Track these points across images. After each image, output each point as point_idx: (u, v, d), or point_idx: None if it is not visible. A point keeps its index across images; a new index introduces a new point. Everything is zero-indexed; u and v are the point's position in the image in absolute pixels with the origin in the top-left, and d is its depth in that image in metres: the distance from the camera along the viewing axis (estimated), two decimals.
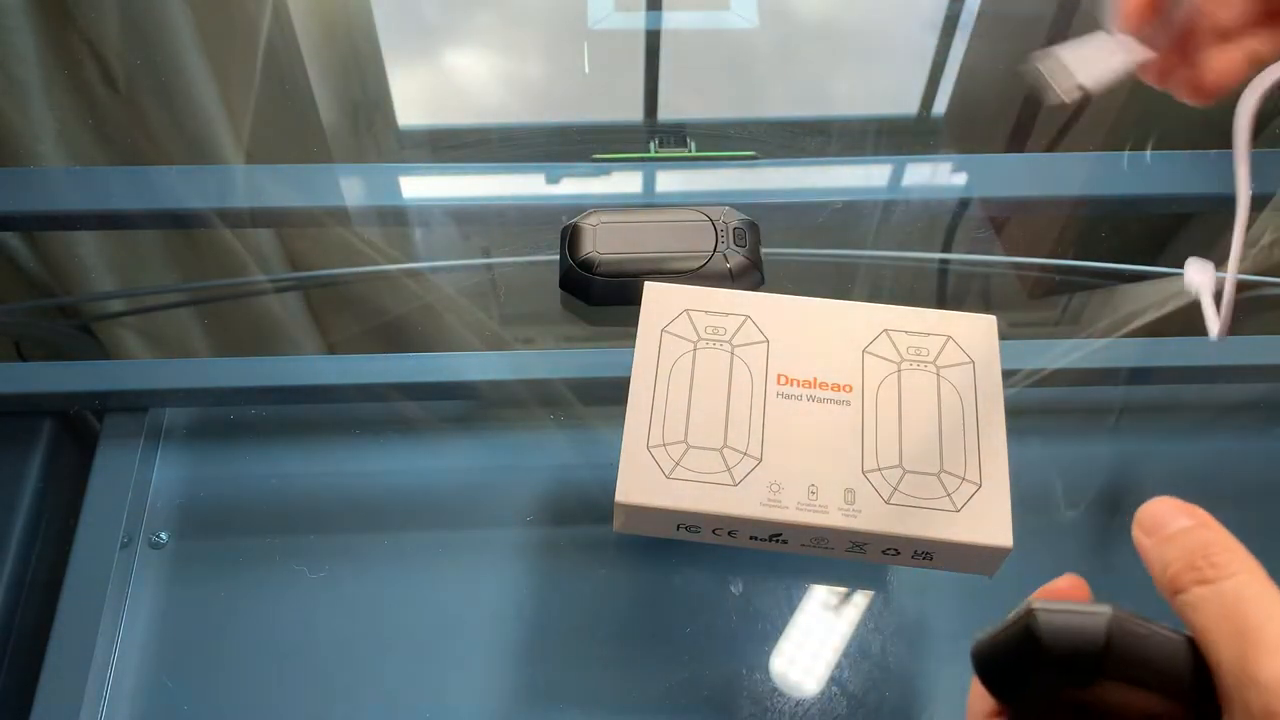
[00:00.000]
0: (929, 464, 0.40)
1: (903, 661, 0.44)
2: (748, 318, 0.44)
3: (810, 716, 0.42)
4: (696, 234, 0.52)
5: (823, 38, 0.71)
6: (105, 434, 0.50)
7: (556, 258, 0.53)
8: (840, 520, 0.39)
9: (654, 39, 0.69)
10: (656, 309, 0.44)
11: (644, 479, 0.40)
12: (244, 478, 0.49)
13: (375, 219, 0.59)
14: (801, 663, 0.44)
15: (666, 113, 0.64)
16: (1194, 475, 0.48)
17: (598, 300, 0.51)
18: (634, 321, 0.44)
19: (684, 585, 0.46)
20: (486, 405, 0.53)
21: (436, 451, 0.51)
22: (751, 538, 0.41)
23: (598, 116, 0.65)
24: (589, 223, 0.52)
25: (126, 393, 0.51)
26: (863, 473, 0.40)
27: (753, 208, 0.54)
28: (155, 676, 0.43)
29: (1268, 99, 0.39)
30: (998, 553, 0.39)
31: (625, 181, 0.61)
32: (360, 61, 0.69)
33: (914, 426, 0.41)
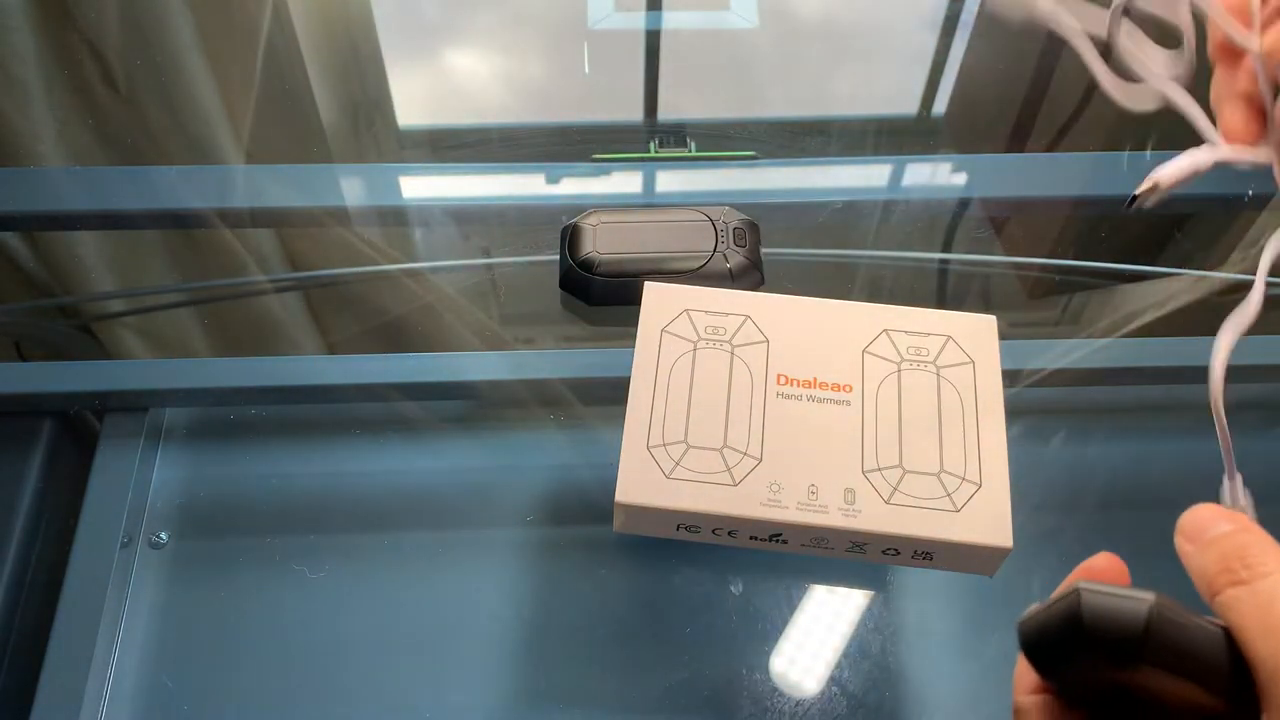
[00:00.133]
0: (929, 464, 0.40)
1: (903, 661, 0.44)
2: (748, 318, 0.44)
3: (810, 716, 0.42)
4: (696, 234, 0.52)
5: (823, 38, 0.71)
6: (105, 434, 0.50)
7: (556, 258, 0.53)
8: (840, 520, 0.39)
9: (654, 39, 0.69)
10: (656, 309, 0.44)
11: (644, 479, 0.40)
12: (244, 478, 0.49)
13: (375, 219, 0.59)
14: (801, 663, 0.44)
15: (666, 113, 0.64)
16: (1194, 475, 0.48)
17: (598, 300, 0.51)
18: (634, 321, 0.44)
19: (684, 585, 0.46)
20: (486, 405, 0.53)
21: (436, 451, 0.51)
22: (751, 538, 0.41)
23: (598, 116, 0.65)
24: (589, 223, 0.52)
25: (126, 393, 0.51)
26: (863, 473, 0.40)
27: (753, 208, 0.54)
28: (155, 676, 0.43)
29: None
30: (997, 553, 0.39)
31: (625, 181, 0.61)
32: (360, 61, 0.69)
33: (914, 426, 0.41)
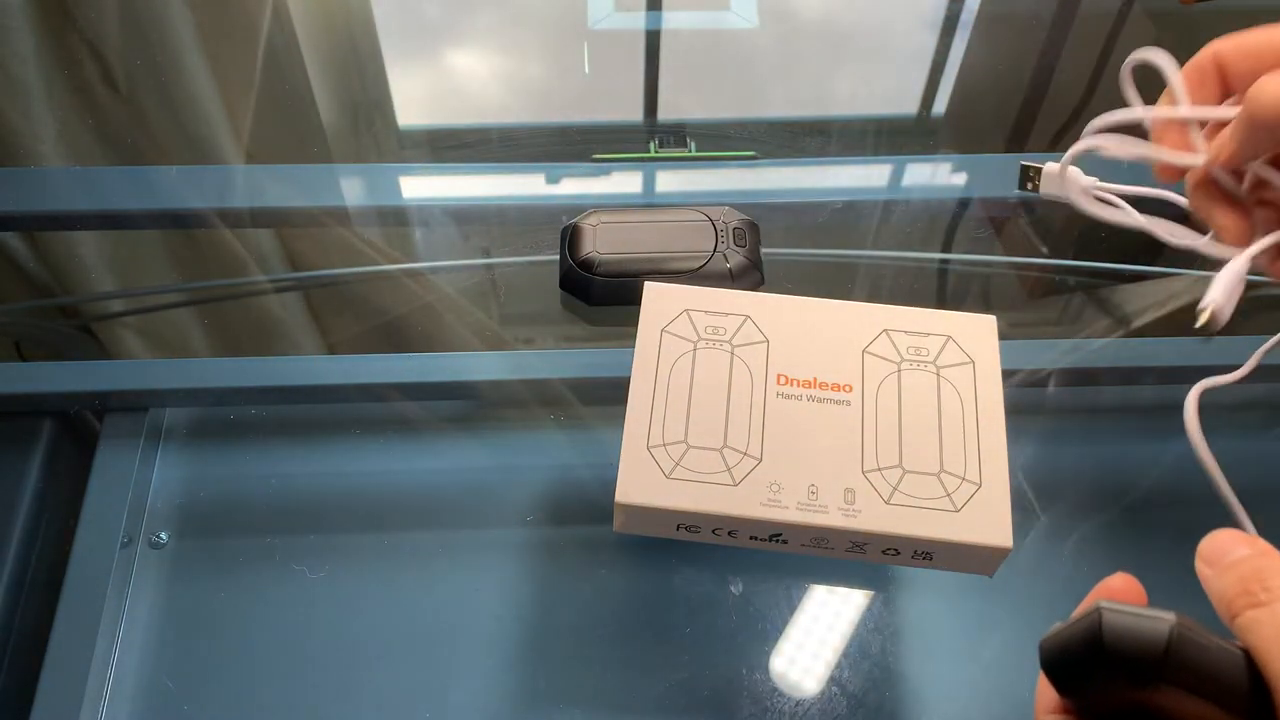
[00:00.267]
0: (929, 464, 0.40)
1: (903, 661, 0.44)
2: (748, 318, 0.44)
3: (810, 716, 0.42)
4: (696, 234, 0.52)
5: (823, 38, 0.71)
6: (105, 434, 0.50)
7: (556, 258, 0.53)
8: (840, 520, 0.39)
9: (654, 39, 0.69)
10: (656, 309, 0.44)
11: (644, 479, 0.40)
12: (244, 478, 0.49)
13: (375, 219, 0.59)
14: (801, 663, 0.44)
15: (666, 113, 0.64)
16: (1194, 475, 0.48)
17: (598, 300, 0.51)
18: (634, 321, 0.44)
19: (684, 585, 0.46)
20: (486, 405, 0.53)
21: (436, 451, 0.51)
22: (751, 538, 0.41)
23: (598, 116, 0.65)
24: (589, 223, 0.52)
25: (126, 393, 0.51)
26: (863, 473, 0.40)
27: (753, 208, 0.54)
28: (155, 676, 0.43)
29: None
30: (997, 553, 0.39)
31: (625, 181, 0.61)
32: (360, 61, 0.69)
33: (914, 426, 0.41)
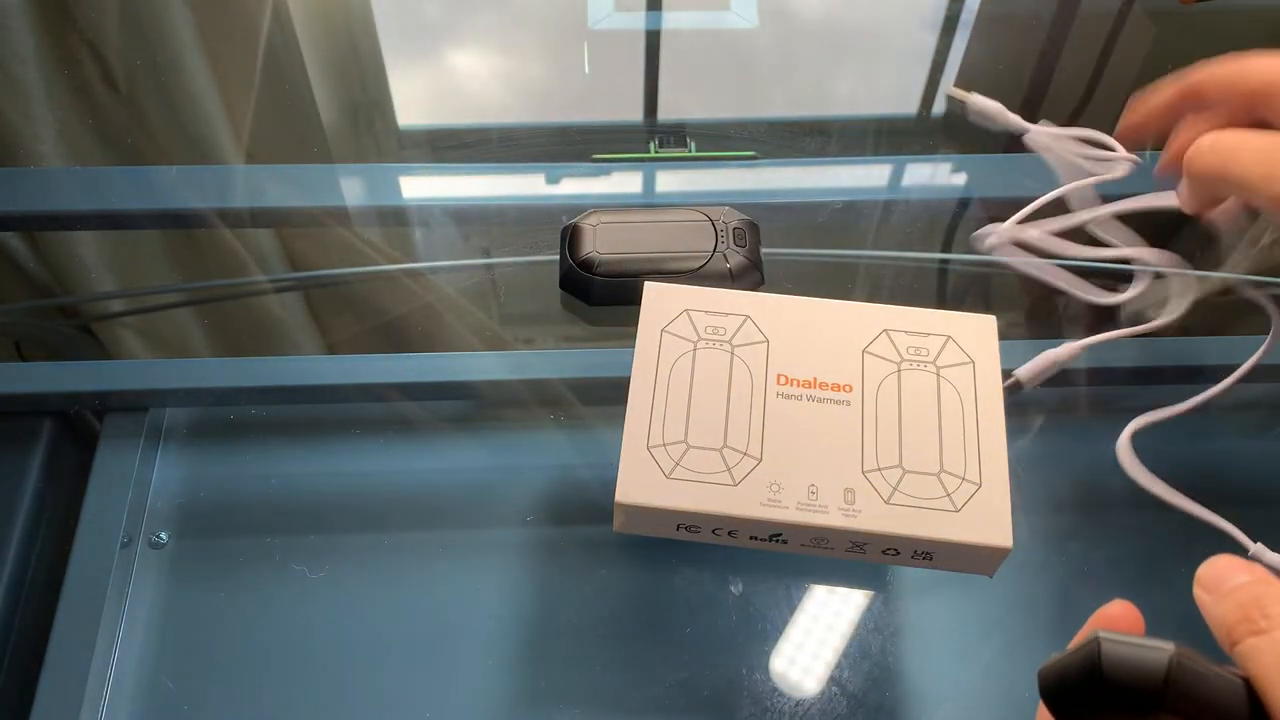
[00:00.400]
0: (929, 464, 0.40)
1: (903, 661, 0.44)
2: (748, 318, 0.44)
3: (810, 716, 0.42)
4: (696, 234, 0.52)
5: (823, 38, 0.71)
6: (105, 434, 0.50)
7: (556, 258, 0.53)
8: (840, 520, 0.39)
9: (654, 39, 0.68)
10: (656, 309, 0.44)
11: (644, 479, 0.40)
12: (244, 478, 0.49)
13: (375, 219, 0.59)
14: (801, 663, 0.44)
15: (666, 113, 0.64)
16: (1194, 476, 0.48)
17: (598, 300, 0.51)
18: (634, 321, 0.44)
19: (684, 585, 0.46)
20: (486, 405, 0.53)
21: (436, 451, 0.51)
22: (751, 538, 0.41)
23: (598, 116, 0.65)
24: (589, 223, 0.52)
25: (126, 393, 0.51)
26: (862, 473, 0.40)
27: (753, 208, 0.54)
28: (155, 677, 0.43)
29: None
30: (997, 553, 0.39)
31: (625, 181, 0.61)
32: (360, 61, 0.69)
33: (914, 426, 0.41)
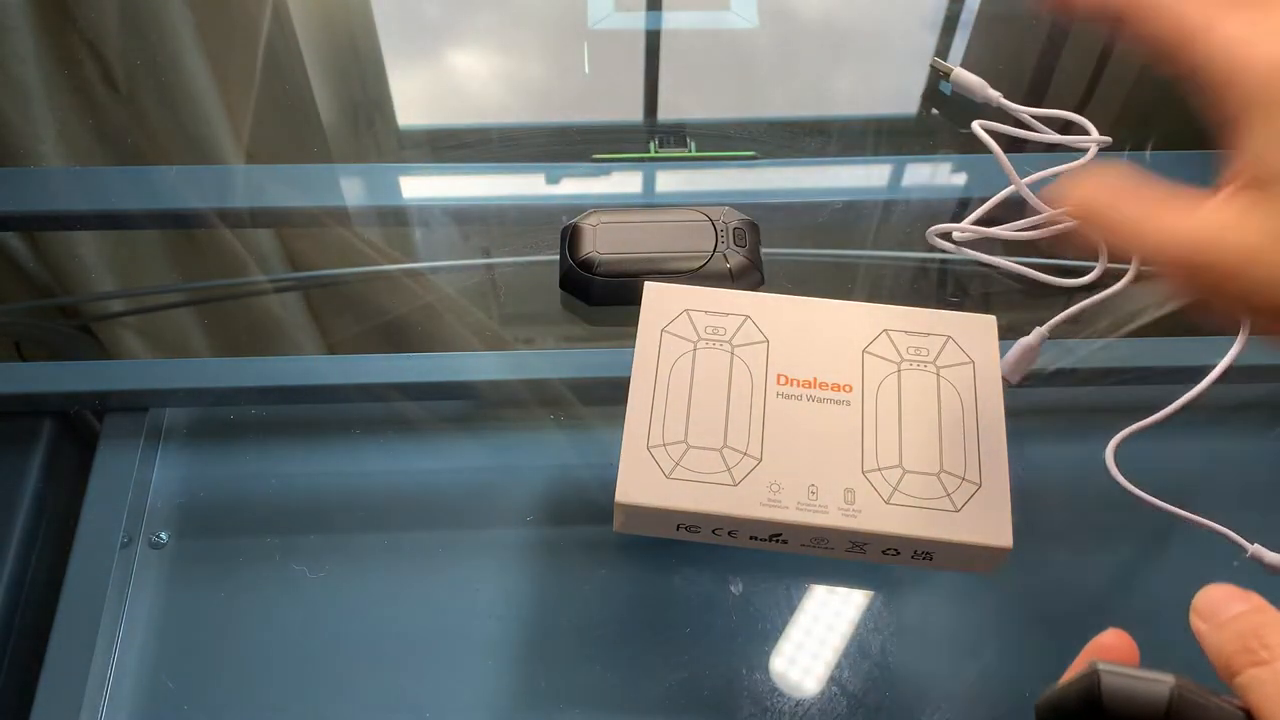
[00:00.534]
0: (929, 464, 0.40)
1: (903, 661, 0.44)
2: (748, 318, 0.44)
3: (810, 716, 0.42)
4: (696, 234, 0.52)
5: (823, 38, 0.71)
6: (105, 434, 0.50)
7: (556, 258, 0.53)
8: (840, 520, 0.39)
9: (654, 39, 0.68)
10: (656, 309, 0.44)
11: (644, 479, 0.40)
12: (244, 478, 0.49)
13: (375, 219, 0.59)
14: (801, 663, 0.44)
15: (666, 113, 0.64)
16: (1193, 476, 0.48)
17: (598, 300, 0.51)
18: (634, 321, 0.44)
19: (684, 585, 0.46)
20: (486, 405, 0.53)
21: (436, 451, 0.51)
22: (751, 538, 0.41)
23: (598, 116, 0.65)
24: (589, 223, 0.52)
25: (126, 393, 0.51)
26: (862, 473, 0.40)
27: (753, 208, 0.54)
28: (155, 677, 0.43)
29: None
30: (997, 553, 0.39)
31: (625, 181, 0.61)
32: (360, 61, 0.69)
33: (914, 426, 0.41)
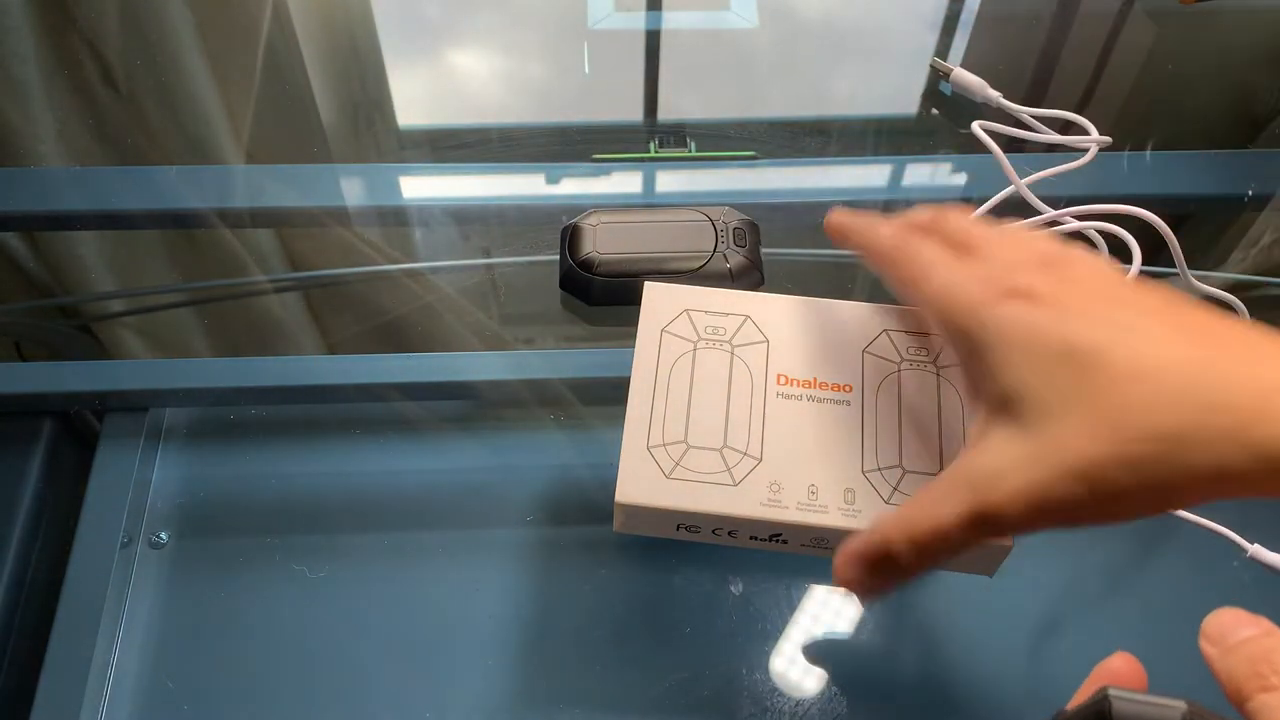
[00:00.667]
0: (929, 464, 0.40)
1: (903, 662, 0.44)
2: (748, 318, 0.44)
3: (810, 716, 0.42)
4: (696, 234, 0.52)
5: (823, 38, 0.71)
6: (105, 434, 0.50)
7: (556, 258, 0.53)
8: (840, 520, 0.39)
9: (654, 39, 0.69)
10: (656, 309, 0.44)
11: (644, 479, 0.40)
12: (244, 478, 0.49)
13: (375, 219, 0.59)
14: (801, 663, 0.44)
15: (666, 113, 0.64)
16: None
17: (598, 300, 0.51)
18: (634, 321, 0.44)
19: (684, 585, 0.46)
20: (486, 405, 0.53)
21: (436, 451, 0.51)
22: (751, 538, 0.41)
23: (598, 116, 0.65)
24: (589, 223, 0.52)
25: (126, 393, 0.51)
26: (863, 473, 0.40)
27: (753, 208, 0.54)
28: (155, 676, 0.43)
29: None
30: (998, 551, 0.39)
31: (625, 181, 0.61)
32: (360, 61, 0.69)
33: (914, 426, 0.41)
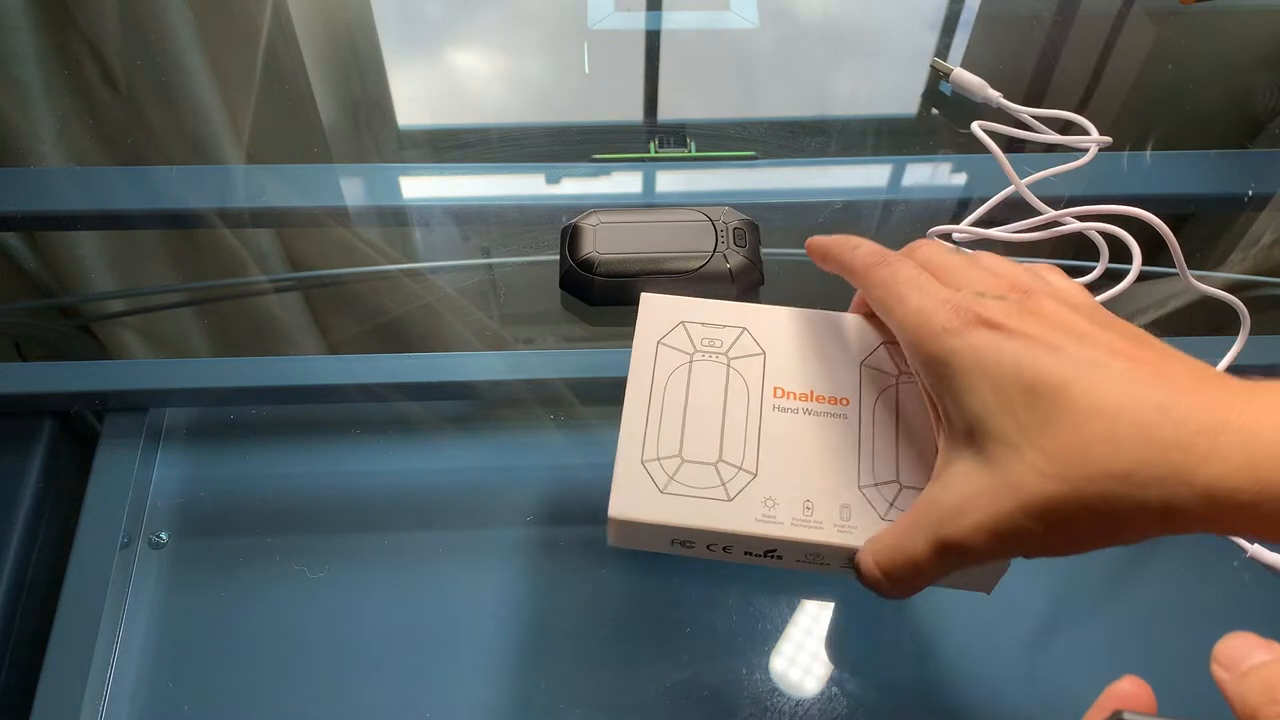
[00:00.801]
0: (925, 479, 0.40)
1: (902, 662, 0.44)
2: (745, 329, 0.43)
3: (810, 716, 0.42)
4: (696, 234, 0.52)
5: (823, 38, 0.71)
6: (105, 434, 0.50)
7: (556, 258, 0.53)
8: (836, 537, 0.38)
9: (654, 39, 0.68)
10: (652, 321, 0.43)
11: (637, 493, 0.39)
12: (244, 478, 0.49)
13: (375, 219, 0.59)
14: (801, 663, 0.44)
15: (666, 113, 0.64)
16: None
17: (598, 300, 0.51)
18: (634, 321, 0.44)
19: (684, 585, 0.46)
20: (486, 405, 0.53)
21: (436, 451, 0.51)
22: (746, 554, 0.40)
23: (598, 116, 0.65)
24: (589, 223, 0.52)
25: (126, 393, 0.51)
26: (859, 488, 0.39)
27: (753, 208, 0.54)
28: (155, 676, 0.43)
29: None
30: (994, 570, 0.39)
31: (625, 181, 0.61)
32: (360, 61, 0.69)
33: (911, 441, 0.40)
